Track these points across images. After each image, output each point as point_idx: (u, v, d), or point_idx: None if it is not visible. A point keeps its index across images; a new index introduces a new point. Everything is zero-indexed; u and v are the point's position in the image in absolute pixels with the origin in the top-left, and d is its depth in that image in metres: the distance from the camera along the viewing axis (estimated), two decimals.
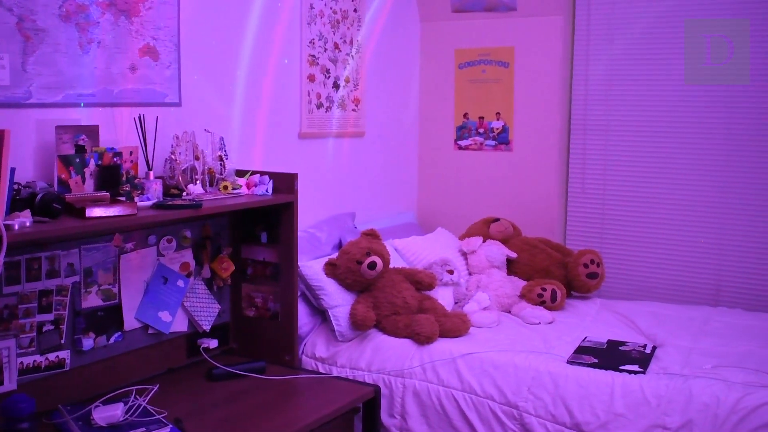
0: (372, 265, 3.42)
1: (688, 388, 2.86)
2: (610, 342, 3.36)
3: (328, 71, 4.00)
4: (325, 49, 3.97)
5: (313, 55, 3.89)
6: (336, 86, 4.07)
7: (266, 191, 3.08)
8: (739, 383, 2.87)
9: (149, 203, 2.69)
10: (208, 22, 3.27)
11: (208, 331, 3.17)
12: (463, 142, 4.78)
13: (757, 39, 4.05)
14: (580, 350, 3.25)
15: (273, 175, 3.13)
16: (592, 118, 4.50)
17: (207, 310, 3.17)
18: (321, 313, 3.53)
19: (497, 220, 4.34)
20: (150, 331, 2.98)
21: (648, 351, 3.25)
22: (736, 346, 3.33)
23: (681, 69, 4.24)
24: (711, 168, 4.23)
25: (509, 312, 3.86)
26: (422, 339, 3.31)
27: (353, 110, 4.22)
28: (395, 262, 3.76)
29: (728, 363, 3.10)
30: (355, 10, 4.16)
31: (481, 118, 4.71)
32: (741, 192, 4.16)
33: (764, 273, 4.14)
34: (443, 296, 3.74)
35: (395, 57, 4.63)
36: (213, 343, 3.17)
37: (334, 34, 4.03)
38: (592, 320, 3.78)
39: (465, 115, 4.76)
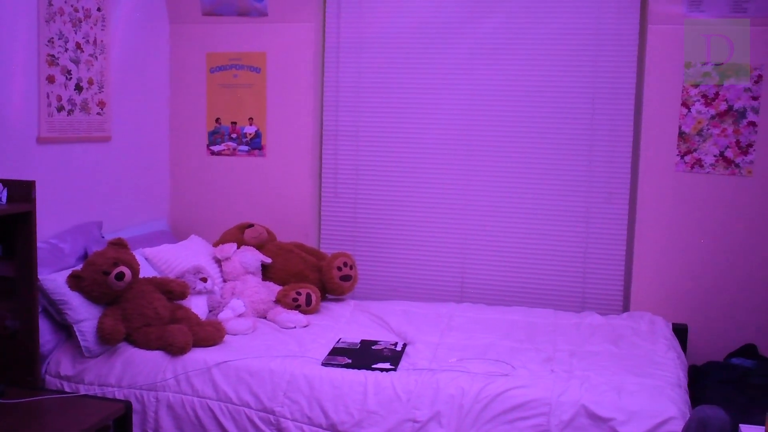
0: (120, 276, 3.29)
1: (436, 382, 3.01)
2: (363, 342, 3.46)
3: (69, 72, 3.78)
4: (66, 49, 3.75)
5: (53, 55, 3.67)
6: (79, 88, 3.86)
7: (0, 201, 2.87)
8: (482, 374, 3.07)
9: None
10: None
11: None
12: (215, 148, 4.72)
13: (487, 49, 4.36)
14: (335, 351, 3.31)
15: (7, 183, 2.93)
16: (343, 124, 4.62)
17: None
18: (65, 329, 3.34)
19: (251, 225, 4.33)
20: None
21: (399, 348, 3.38)
22: (479, 339, 3.56)
23: (426, 77, 4.45)
24: (452, 171, 4.48)
25: (265, 317, 3.86)
26: (175, 350, 3.23)
27: (98, 114, 4.02)
28: (146, 272, 3.63)
29: (471, 355, 3.31)
30: (98, 9, 3.97)
31: (234, 123, 4.68)
32: (479, 192, 4.45)
33: (502, 269, 4.45)
34: (197, 305, 3.68)
35: (143, 59, 4.47)
36: None
37: (76, 33, 3.82)
38: (347, 321, 3.87)
39: (217, 120, 4.70)
